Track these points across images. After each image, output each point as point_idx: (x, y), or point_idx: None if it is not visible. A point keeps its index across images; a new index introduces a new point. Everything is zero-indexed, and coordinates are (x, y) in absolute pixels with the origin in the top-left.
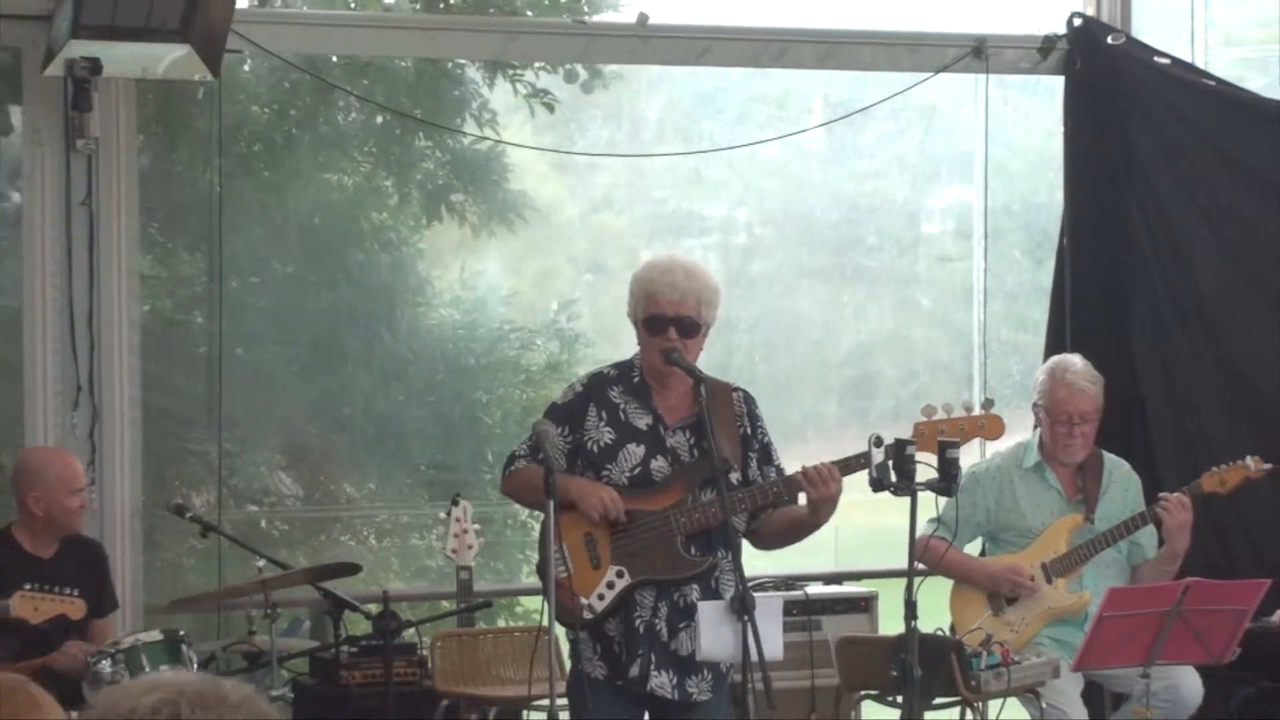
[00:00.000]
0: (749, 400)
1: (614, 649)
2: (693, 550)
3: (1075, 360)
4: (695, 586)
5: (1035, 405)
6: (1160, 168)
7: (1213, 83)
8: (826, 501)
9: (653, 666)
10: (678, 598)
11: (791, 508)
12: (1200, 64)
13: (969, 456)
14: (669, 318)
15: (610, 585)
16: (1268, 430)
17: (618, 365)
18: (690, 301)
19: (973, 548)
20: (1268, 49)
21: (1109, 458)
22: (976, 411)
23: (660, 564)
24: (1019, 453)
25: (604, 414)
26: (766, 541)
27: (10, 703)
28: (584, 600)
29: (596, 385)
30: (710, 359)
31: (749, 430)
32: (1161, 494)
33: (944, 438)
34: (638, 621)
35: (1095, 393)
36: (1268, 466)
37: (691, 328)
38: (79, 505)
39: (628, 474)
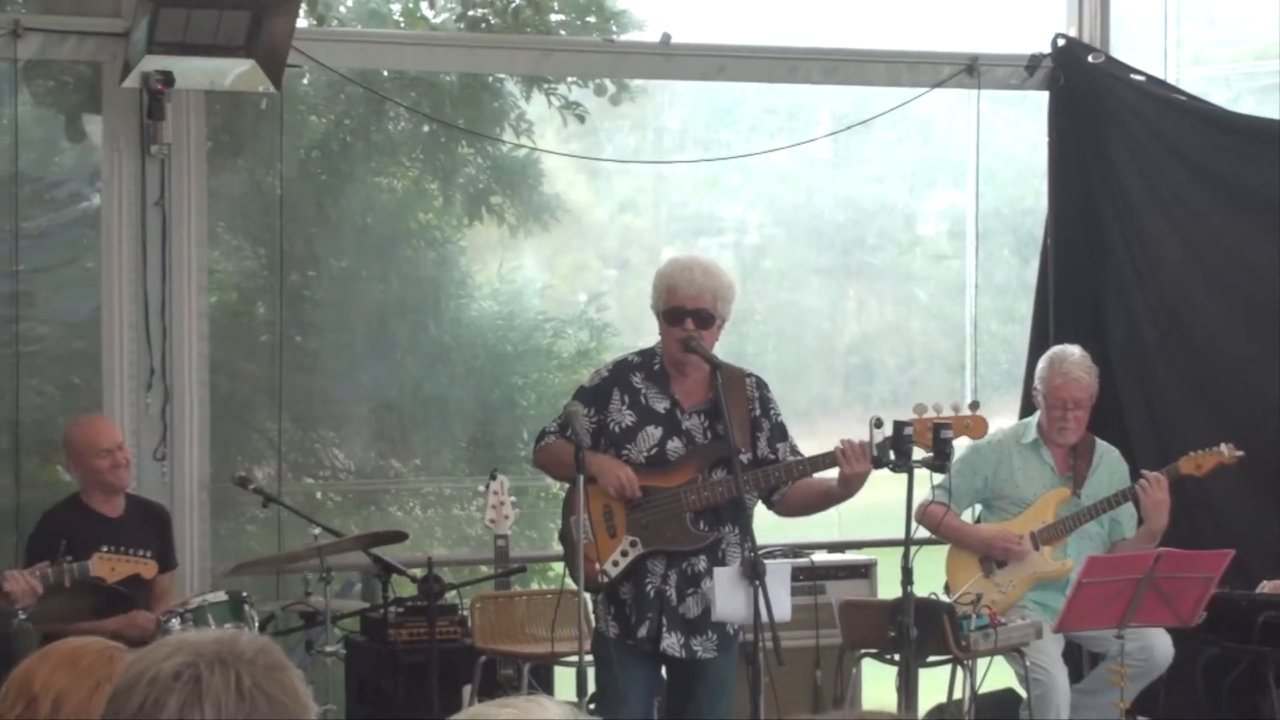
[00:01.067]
0: (761, 385)
1: (625, 611)
2: (701, 525)
3: (1074, 351)
4: (703, 557)
5: (1034, 390)
6: (1134, 175)
7: (1183, 98)
8: (857, 477)
9: (664, 629)
10: (686, 567)
11: (823, 480)
12: (1172, 81)
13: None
14: (687, 310)
15: (624, 553)
16: (1228, 416)
17: (641, 353)
18: (706, 296)
19: (968, 516)
20: (1232, 67)
21: (1101, 443)
22: (964, 412)
23: (670, 536)
24: (1019, 430)
25: (626, 397)
26: (790, 510)
27: (107, 669)
28: (600, 566)
29: (620, 371)
30: (726, 347)
31: (759, 413)
32: (1142, 470)
33: (938, 430)
34: (649, 587)
35: (1089, 382)
36: (1240, 454)
37: (707, 319)
38: (109, 465)
39: (646, 453)
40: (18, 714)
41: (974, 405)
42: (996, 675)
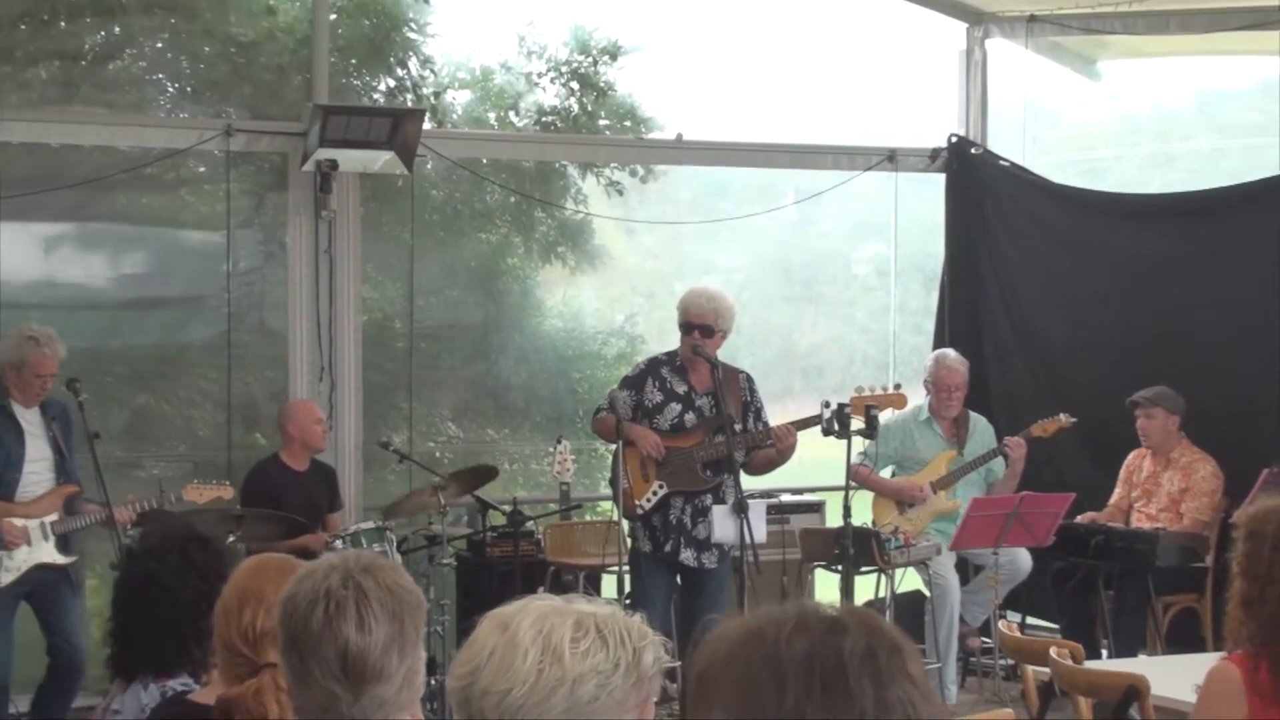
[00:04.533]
0: (750, 380)
1: (656, 534)
2: (707, 473)
3: (950, 352)
4: (709, 495)
5: (925, 381)
6: (1002, 231)
7: (1035, 177)
8: (786, 449)
9: (682, 545)
10: (697, 502)
11: (769, 450)
12: (1028, 165)
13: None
14: (695, 324)
15: (655, 493)
16: (1065, 396)
17: (667, 353)
18: (709, 315)
19: (886, 473)
20: (1067, 155)
21: (974, 415)
22: (890, 390)
23: (686, 480)
24: (916, 411)
25: (656, 383)
26: (753, 471)
27: (290, 573)
28: (638, 501)
29: (653, 365)
30: (722, 352)
31: (749, 399)
32: (1006, 437)
33: (870, 406)
34: (672, 516)
35: (963, 372)
36: (1074, 420)
37: (709, 331)
38: (321, 431)
39: (669, 422)
40: (237, 607)
41: (897, 386)
42: (909, 580)
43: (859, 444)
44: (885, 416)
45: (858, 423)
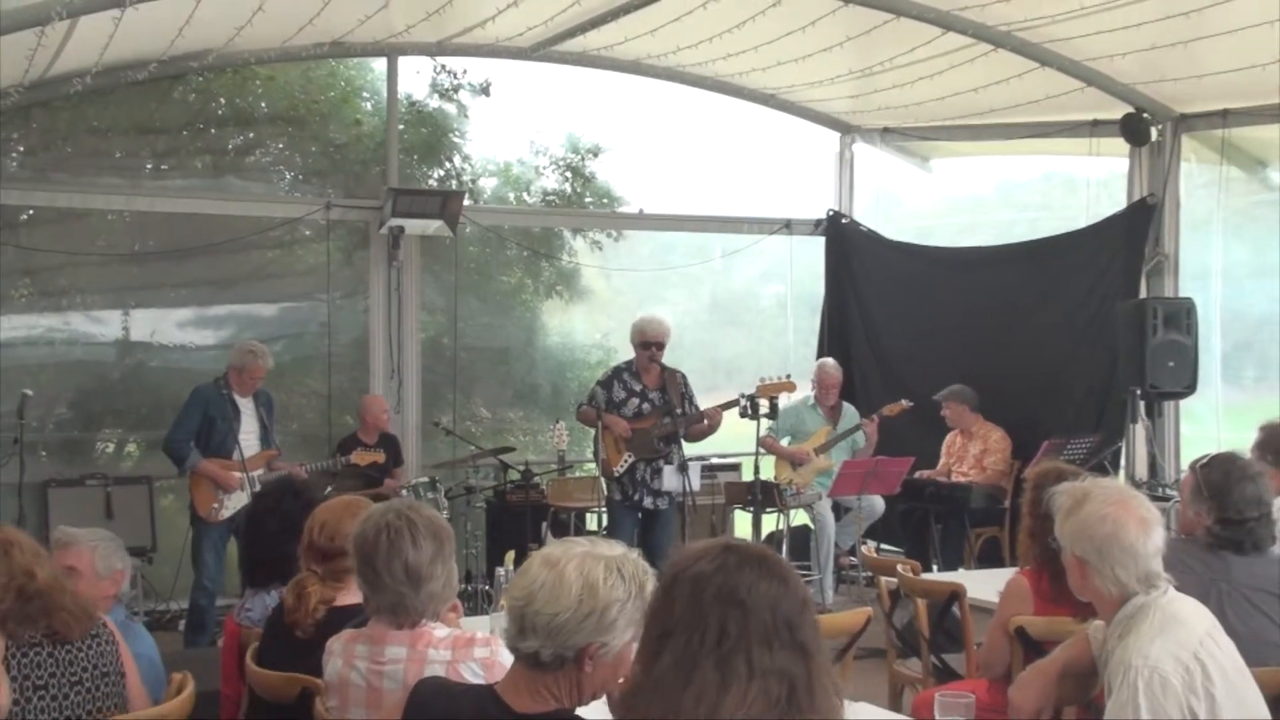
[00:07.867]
0: (685, 378)
1: (625, 488)
2: (660, 444)
3: (829, 360)
4: (662, 461)
5: (811, 380)
6: (863, 277)
7: (887, 239)
8: (714, 424)
9: (644, 495)
10: (654, 465)
11: (703, 425)
12: (882, 232)
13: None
14: (652, 342)
15: (626, 460)
16: (904, 387)
17: (626, 362)
18: (662, 334)
19: (785, 442)
20: (906, 224)
21: (845, 403)
22: (783, 378)
23: (646, 451)
24: (805, 399)
25: (620, 384)
26: (691, 440)
27: (358, 509)
28: (614, 468)
29: (616, 371)
30: (667, 358)
31: (685, 391)
32: (863, 418)
33: (771, 392)
34: (638, 475)
35: (836, 375)
36: (911, 404)
37: (660, 346)
38: (386, 418)
39: (631, 411)
40: (317, 539)
41: (788, 377)
42: (799, 518)
43: (765, 423)
44: (784, 402)
45: (765, 408)
